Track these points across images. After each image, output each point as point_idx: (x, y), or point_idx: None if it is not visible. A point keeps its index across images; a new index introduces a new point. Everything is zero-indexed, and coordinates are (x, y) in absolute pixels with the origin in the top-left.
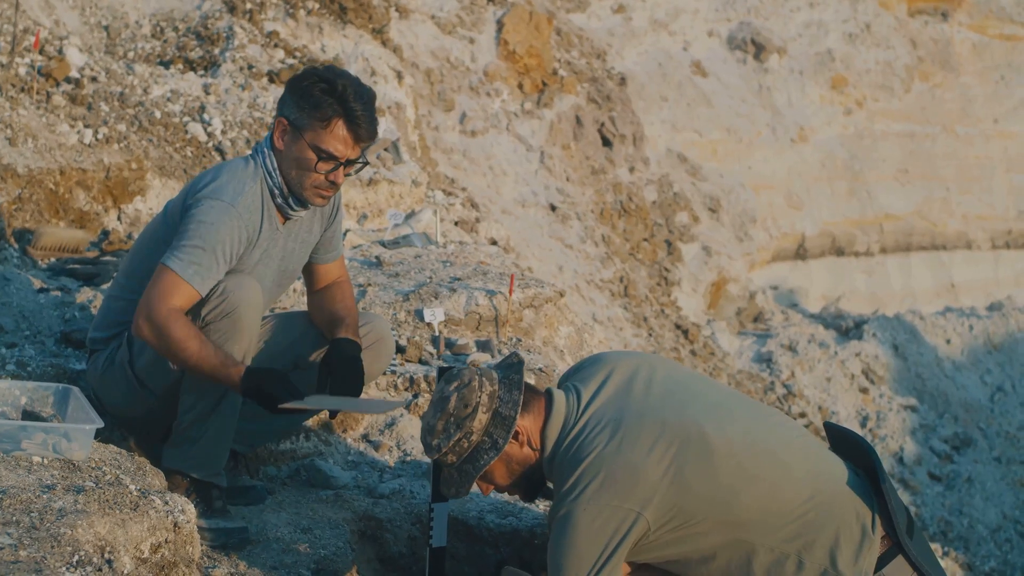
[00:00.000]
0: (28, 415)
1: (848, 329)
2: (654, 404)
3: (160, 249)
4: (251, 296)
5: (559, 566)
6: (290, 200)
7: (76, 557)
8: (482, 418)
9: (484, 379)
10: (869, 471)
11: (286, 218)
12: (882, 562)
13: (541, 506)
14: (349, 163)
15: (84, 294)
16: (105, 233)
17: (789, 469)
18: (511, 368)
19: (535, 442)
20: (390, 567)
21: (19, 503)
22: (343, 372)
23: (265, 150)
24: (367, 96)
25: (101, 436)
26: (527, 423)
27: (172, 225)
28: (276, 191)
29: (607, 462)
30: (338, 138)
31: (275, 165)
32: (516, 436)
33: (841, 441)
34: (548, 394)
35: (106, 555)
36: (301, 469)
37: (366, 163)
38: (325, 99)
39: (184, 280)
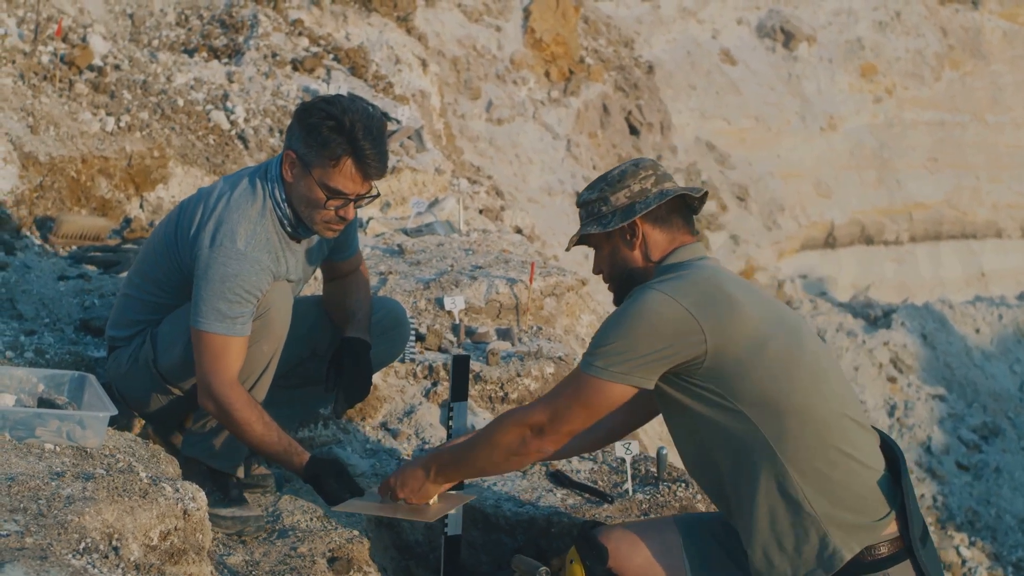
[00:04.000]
0: (43, 402)
1: (876, 318)
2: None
3: (172, 255)
4: (282, 298)
5: (606, 338)
6: (300, 229)
7: (83, 544)
8: (621, 197)
9: (654, 176)
10: (892, 469)
11: (300, 239)
12: (889, 562)
13: (559, 494)
14: (359, 198)
15: (104, 282)
16: (127, 221)
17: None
18: (687, 190)
19: (654, 252)
20: (406, 555)
21: (27, 490)
22: (351, 373)
23: (274, 180)
24: (377, 130)
25: (118, 423)
26: (657, 235)
27: (185, 238)
28: (286, 221)
29: (704, 279)
30: (347, 176)
31: (284, 196)
32: (632, 233)
33: None
34: (696, 244)
35: (113, 542)
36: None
37: (377, 195)
38: (333, 137)
39: (232, 337)
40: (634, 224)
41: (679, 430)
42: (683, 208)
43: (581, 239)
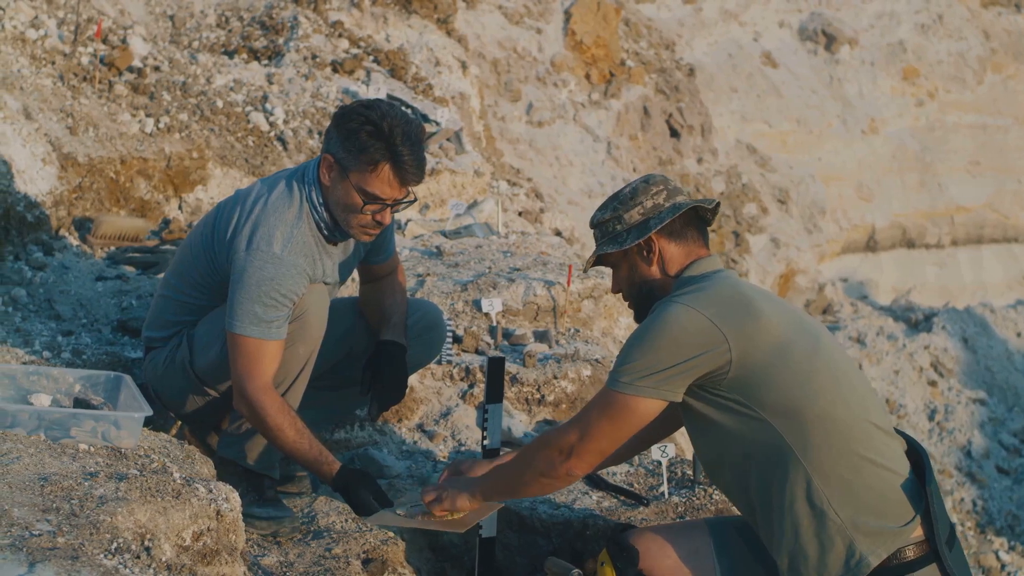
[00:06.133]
0: (79, 403)
1: (917, 322)
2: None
3: (208, 257)
4: (318, 301)
5: (630, 354)
6: (336, 233)
7: (115, 544)
8: (634, 214)
9: (666, 191)
10: (918, 472)
11: (337, 242)
12: (915, 566)
13: (594, 497)
14: (396, 203)
15: (142, 283)
16: (166, 222)
17: (876, 430)
18: (700, 202)
19: (671, 267)
20: (442, 556)
21: (60, 490)
22: (387, 376)
23: (311, 183)
24: (415, 136)
25: (154, 424)
26: (673, 249)
27: (221, 241)
28: (322, 224)
29: (725, 289)
30: (385, 182)
31: (321, 200)
32: (648, 249)
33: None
34: (712, 256)
35: (145, 542)
36: (355, 458)
37: (414, 200)
38: (372, 143)
39: (268, 340)
40: (650, 240)
41: (702, 441)
42: (697, 221)
43: (598, 259)
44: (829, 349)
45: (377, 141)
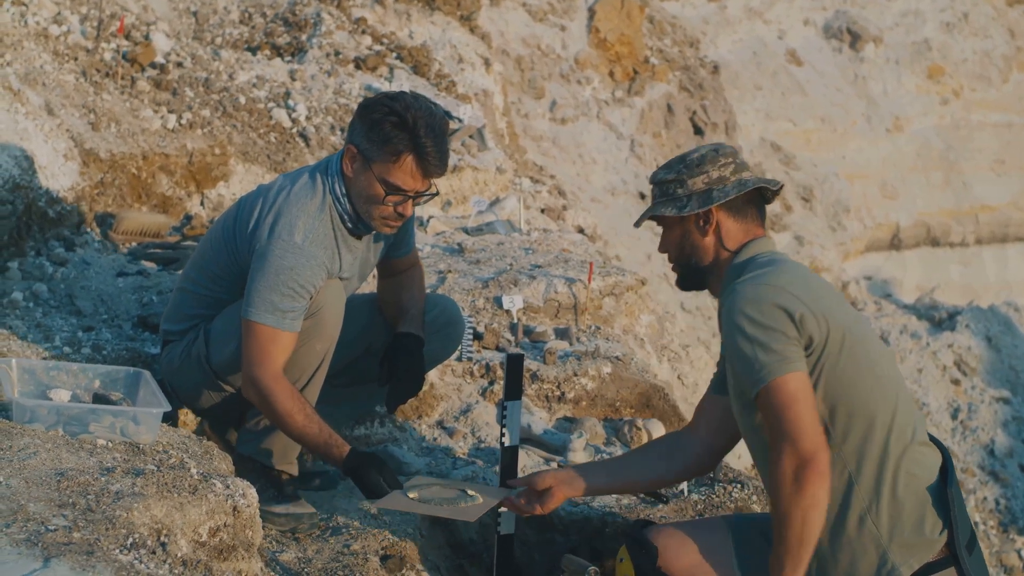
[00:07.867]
0: (98, 398)
1: (941, 320)
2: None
3: (230, 249)
4: (334, 297)
5: (747, 348)
6: (359, 226)
7: (130, 539)
8: (698, 182)
9: (733, 164)
10: (942, 477)
11: (360, 235)
12: (932, 568)
13: (613, 496)
14: (418, 195)
15: (163, 278)
16: (187, 218)
17: (911, 431)
18: (765, 182)
19: (730, 242)
20: (460, 553)
21: (76, 485)
22: (403, 370)
23: (334, 175)
24: (439, 128)
25: (174, 419)
26: (732, 224)
27: (243, 232)
28: (345, 216)
29: (797, 270)
30: (408, 173)
31: (344, 191)
32: (706, 220)
33: None
34: (769, 238)
35: (161, 538)
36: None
37: (436, 193)
38: (396, 134)
39: (281, 331)
40: (710, 212)
41: (752, 436)
42: (758, 199)
43: (652, 217)
44: (881, 351)
45: (401, 132)
